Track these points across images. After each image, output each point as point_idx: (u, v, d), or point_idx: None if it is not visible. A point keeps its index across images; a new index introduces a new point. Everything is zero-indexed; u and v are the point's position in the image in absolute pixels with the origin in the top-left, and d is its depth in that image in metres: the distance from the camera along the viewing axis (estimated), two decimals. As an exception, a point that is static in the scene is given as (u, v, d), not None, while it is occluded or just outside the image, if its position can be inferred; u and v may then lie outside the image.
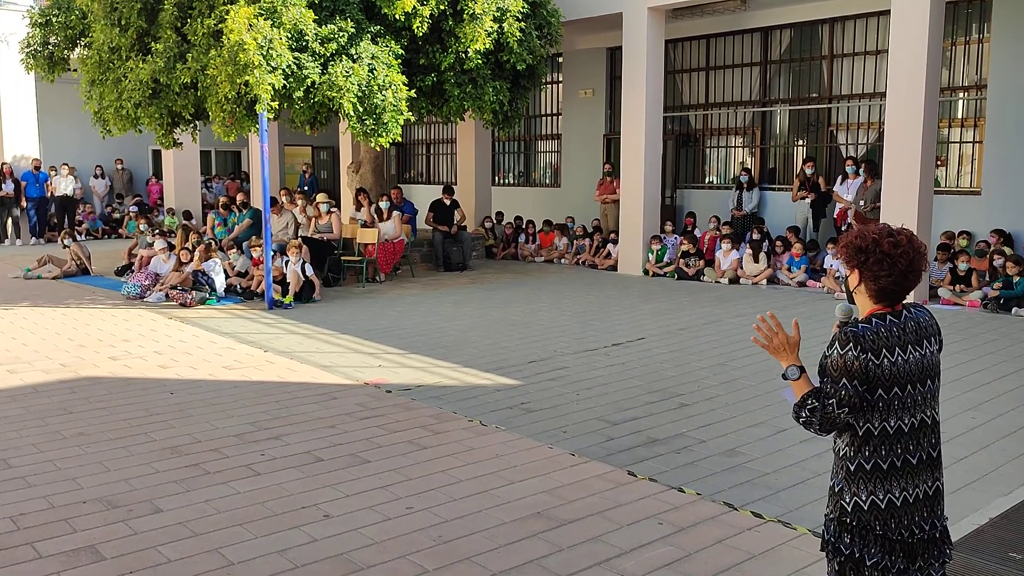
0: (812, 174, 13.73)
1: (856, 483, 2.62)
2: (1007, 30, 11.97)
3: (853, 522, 2.62)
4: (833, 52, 14.07)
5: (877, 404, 2.56)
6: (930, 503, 2.63)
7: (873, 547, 2.59)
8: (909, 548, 2.60)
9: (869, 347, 2.55)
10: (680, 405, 6.65)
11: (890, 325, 2.60)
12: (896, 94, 10.61)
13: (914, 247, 2.62)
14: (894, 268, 2.59)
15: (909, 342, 2.59)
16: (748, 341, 8.76)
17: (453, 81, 12.23)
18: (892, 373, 2.55)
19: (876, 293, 2.65)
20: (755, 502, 4.79)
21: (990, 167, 12.28)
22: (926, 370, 2.62)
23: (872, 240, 2.64)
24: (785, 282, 12.33)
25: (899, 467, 2.59)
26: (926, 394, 2.62)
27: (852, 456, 2.63)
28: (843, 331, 2.60)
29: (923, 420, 2.62)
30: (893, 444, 2.59)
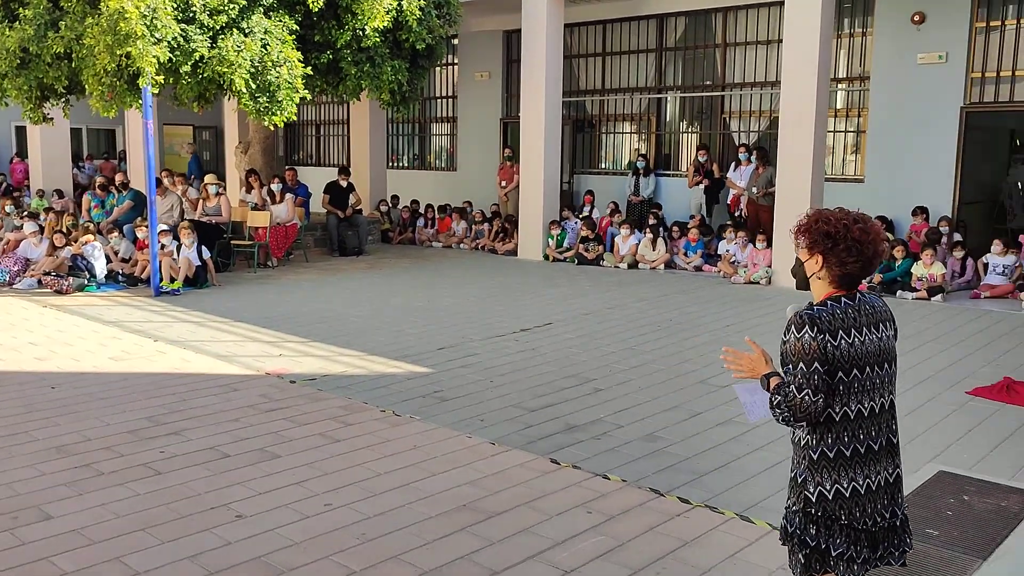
0: (706, 161, 13.99)
1: (820, 472, 2.58)
2: (888, 24, 12.45)
3: (818, 512, 2.58)
4: (726, 41, 14.34)
5: (838, 387, 2.52)
6: (891, 490, 2.61)
7: (839, 537, 2.56)
8: (872, 537, 2.57)
9: (826, 328, 2.51)
10: (595, 390, 6.60)
11: (845, 307, 2.57)
12: (790, 83, 10.89)
13: (877, 234, 2.62)
14: (862, 254, 2.57)
15: (864, 324, 2.56)
16: (654, 325, 8.83)
17: (350, 59, 11.83)
18: (851, 355, 2.52)
19: (840, 278, 2.61)
20: (680, 487, 4.76)
21: (872, 156, 12.78)
22: (883, 353, 2.59)
23: (842, 226, 2.59)
24: (682, 267, 12.52)
25: (862, 453, 2.56)
26: (884, 377, 2.59)
27: (814, 444, 2.59)
28: (798, 314, 2.56)
29: (882, 404, 2.60)
30: (855, 430, 2.55)
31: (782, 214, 11.09)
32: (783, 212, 11.07)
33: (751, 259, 11.47)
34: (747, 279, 11.26)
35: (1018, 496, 4.64)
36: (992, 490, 4.71)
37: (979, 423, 5.82)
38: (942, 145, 12.08)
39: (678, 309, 9.67)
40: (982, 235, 12.13)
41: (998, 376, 6.89)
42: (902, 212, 12.29)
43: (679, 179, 14.71)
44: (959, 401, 6.34)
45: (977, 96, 11.98)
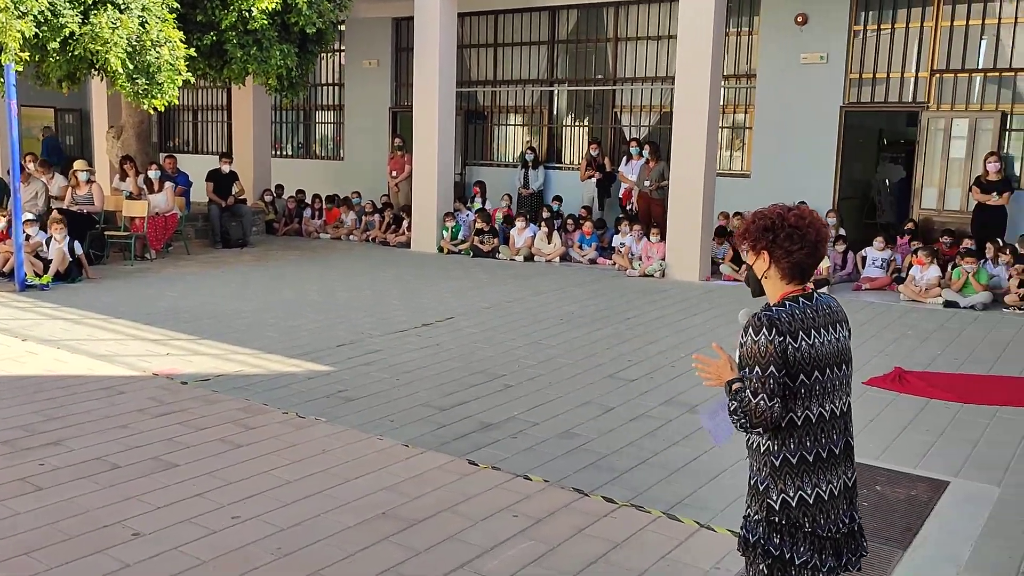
0: (598, 154, 14.06)
1: (783, 479, 2.48)
2: (773, 24, 12.82)
3: (782, 520, 2.48)
4: (618, 35, 14.46)
5: (799, 391, 2.44)
6: (849, 495, 2.55)
7: (803, 545, 2.47)
8: (836, 544, 2.50)
9: (786, 329, 2.42)
10: (504, 386, 6.46)
11: (804, 307, 2.48)
12: (684, 79, 11.03)
13: (816, 218, 2.56)
14: (805, 239, 2.49)
15: (823, 325, 2.49)
16: (556, 318, 8.77)
17: (235, 42, 11.26)
18: (812, 356, 2.44)
19: (790, 270, 2.52)
20: (603, 486, 4.68)
21: (758, 152, 13.15)
22: (841, 354, 2.53)
23: (777, 215, 2.53)
24: (577, 260, 12.55)
25: (824, 458, 2.49)
26: (842, 379, 2.53)
27: (776, 450, 2.49)
28: (756, 316, 2.46)
29: (841, 407, 2.53)
30: (817, 434, 2.48)
31: (675, 208, 11.24)
32: (676, 206, 11.22)
33: (645, 252, 11.59)
34: (642, 272, 11.38)
35: (925, 484, 4.77)
36: (901, 479, 4.83)
37: (878, 413, 6.00)
38: (823, 142, 12.54)
39: (578, 302, 9.65)
40: (856, 230, 12.67)
41: (888, 366, 7.14)
42: (786, 207, 12.66)
43: (571, 172, 14.74)
44: (856, 392, 6.52)
45: (855, 96, 12.48)
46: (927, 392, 6.49)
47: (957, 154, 11.69)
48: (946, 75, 11.84)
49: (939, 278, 9.97)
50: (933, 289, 9.89)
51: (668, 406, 6.07)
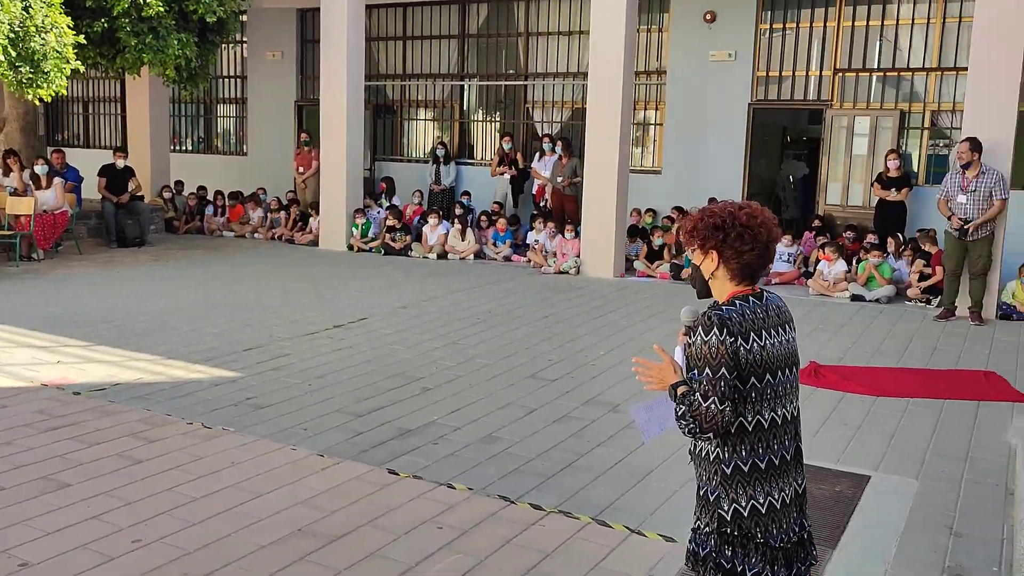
0: (510, 150, 13.93)
1: (734, 487, 2.36)
2: (683, 22, 12.92)
3: (734, 532, 2.36)
4: (529, 30, 14.35)
5: (750, 395, 2.32)
6: (799, 502, 2.44)
7: (754, 557, 2.35)
8: (787, 554, 2.39)
9: (737, 331, 2.30)
10: (423, 390, 6.25)
11: (754, 307, 2.37)
12: (596, 75, 10.99)
13: (767, 217, 2.44)
14: (757, 240, 2.39)
15: (773, 325, 2.39)
16: (473, 317, 8.59)
17: (129, 29, 10.68)
18: (763, 359, 2.32)
19: (739, 271, 2.42)
20: (529, 492, 4.53)
21: (669, 148, 13.25)
22: (789, 356, 2.42)
23: (728, 214, 2.42)
24: (491, 257, 12.39)
25: (776, 465, 2.37)
26: (793, 382, 2.43)
27: (727, 458, 2.36)
28: (707, 315, 2.34)
29: (792, 411, 2.43)
30: (769, 439, 2.36)
31: (590, 204, 11.20)
32: (591, 202, 11.18)
33: (560, 249, 11.51)
34: (557, 269, 11.29)
35: (848, 479, 4.79)
36: (825, 475, 4.84)
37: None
38: (732, 139, 12.70)
39: (494, 300, 9.49)
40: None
41: (803, 360, 7.22)
42: (698, 203, 12.77)
43: (483, 168, 14.57)
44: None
45: (762, 93, 12.69)
46: (842, 386, 6.58)
47: (859, 151, 12.00)
48: (848, 74, 12.15)
49: (846, 272, 10.20)
50: (840, 283, 10.11)
51: (591, 406, 5.97)
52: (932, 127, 11.79)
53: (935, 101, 11.66)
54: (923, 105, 11.73)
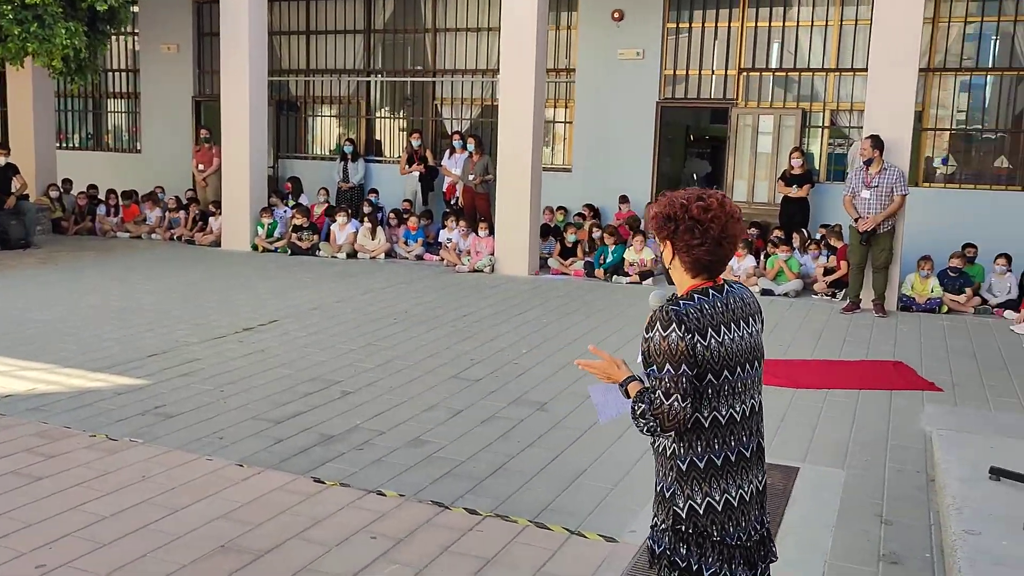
0: (419, 147, 13.71)
1: (690, 484, 2.29)
2: (591, 20, 12.96)
3: (689, 529, 2.29)
4: (437, 26, 14.16)
5: (707, 391, 2.25)
6: (761, 499, 2.38)
7: (711, 555, 2.27)
8: (747, 552, 2.32)
9: (694, 327, 2.23)
10: (343, 393, 6.02)
11: (714, 301, 2.30)
12: (508, 73, 10.89)
13: (726, 211, 2.33)
14: (706, 235, 2.29)
15: (733, 320, 2.31)
16: (389, 318, 8.37)
17: (11, 17, 10.00)
18: (721, 355, 2.25)
19: (692, 265, 2.34)
20: (463, 497, 4.38)
21: (579, 146, 13.27)
22: (752, 351, 2.35)
23: (680, 206, 2.33)
24: (403, 256, 12.16)
25: (734, 462, 2.30)
26: (754, 377, 2.36)
27: (682, 454, 2.29)
28: (663, 310, 2.25)
29: (752, 407, 2.36)
30: (726, 436, 2.29)
31: (503, 202, 11.10)
32: (504, 200, 11.08)
33: (473, 247, 11.38)
34: (471, 268, 11.15)
35: (779, 472, 4.81)
36: (755, 468, 4.85)
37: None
38: (642, 137, 12.81)
39: (409, 300, 9.29)
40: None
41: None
42: (609, 200, 12.88)
43: (391, 165, 14.31)
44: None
45: (670, 92, 12.85)
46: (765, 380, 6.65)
47: (764, 149, 12.28)
48: (752, 74, 12.41)
49: (754, 268, 10.40)
50: (750, 278, 10.30)
51: (517, 406, 5.86)
52: (832, 126, 12.16)
53: (834, 100, 12.02)
54: (823, 104, 12.08)
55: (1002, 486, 4.36)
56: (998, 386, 6.67)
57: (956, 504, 4.12)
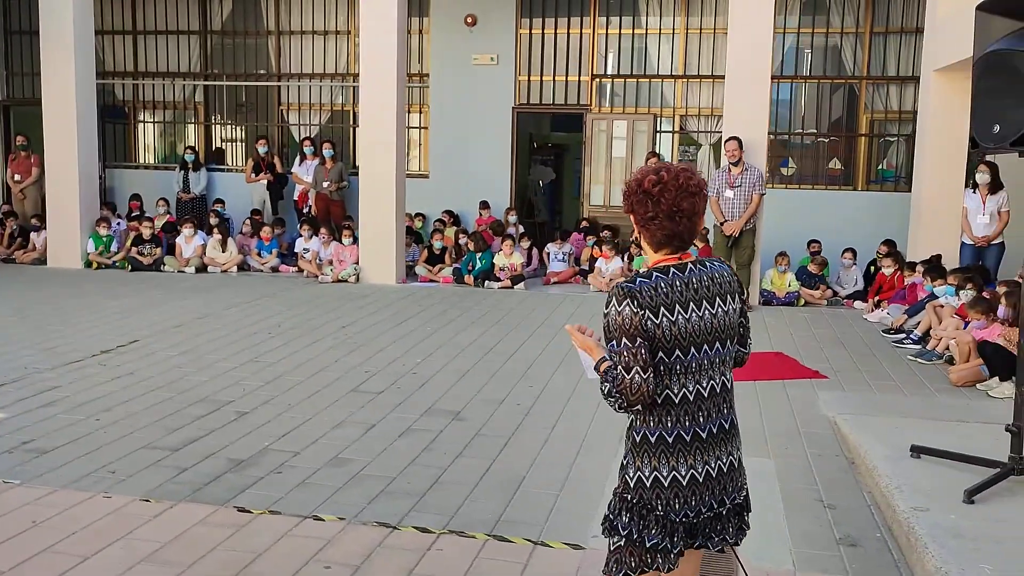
0: (266, 154, 13.04)
1: (640, 456, 2.29)
2: (443, 25, 12.81)
3: (633, 499, 2.29)
4: (280, 28, 13.55)
5: (658, 368, 2.22)
6: (722, 480, 2.33)
7: (653, 527, 2.27)
8: (692, 527, 2.31)
9: (646, 303, 2.21)
10: (238, 414, 5.53)
11: (672, 279, 2.26)
12: (369, 78, 10.52)
13: (679, 184, 2.29)
14: (658, 208, 2.28)
15: (695, 299, 2.27)
16: (264, 332, 7.85)
17: None
18: (673, 334, 2.22)
19: (651, 239, 2.33)
20: (407, 515, 4.08)
21: (436, 152, 13.07)
22: (718, 331, 2.30)
23: (636, 181, 2.34)
24: (257, 268, 11.49)
25: (687, 441, 2.28)
26: (715, 357, 2.30)
27: (638, 427, 2.31)
28: (618, 285, 2.25)
29: (712, 387, 2.31)
30: (680, 415, 2.27)
31: (367, 210, 10.69)
32: (368, 208, 10.67)
33: (336, 256, 10.91)
34: (335, 277, 10.69)
35: (712, 465, 4.82)
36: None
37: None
38: (499, 142, 12.78)
39: (279, 314, 8.75)
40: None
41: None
42: (468, 207, 12.75)
43: (235, 174, 13.54)
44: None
45: (525, 98, 12.89)
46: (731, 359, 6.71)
47: (619, 154, 12.56)
48: (605, 79, 12.67)
49: (622, 268, 10.58)
50: (619, 279, 10.45)
51: (430, 417, 5.59)
52: (681, 131, 12.60)
53: (683, 106, 12.47)
54: (672, 110, 12.51)
55: (924, 463, 4.57)
56: (873, 370, 7.05)
57: (894, 484, 4.25)
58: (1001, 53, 4.11)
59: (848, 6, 11.89)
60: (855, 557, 3.77)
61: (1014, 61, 4.04)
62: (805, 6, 11.95)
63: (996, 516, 3.88)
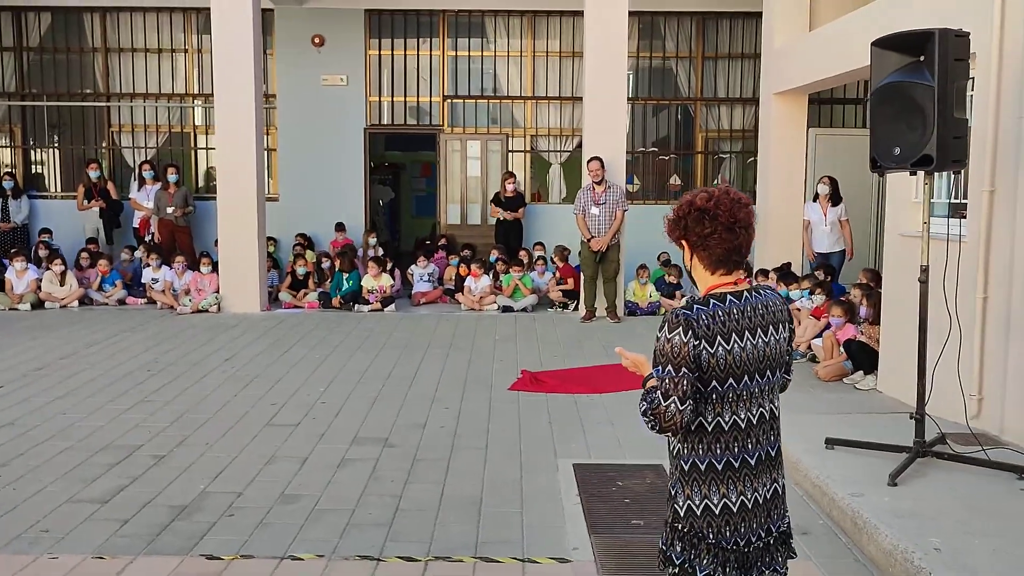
0: (99, 179, 12.21)
1: (689, 484, 2.32)
2: (290, 45, 12.55)
3: (685, 528, 2.31)
4: (108, 45, 12.75)
5: (711, 396, 2.28)
6: (767, 507, 2.35)
7: (705, 557, 2.30)
8: (744, 557, 2.33)
9: (702, 334, 2.24)
10: (155, 458, 5.22)
11: (729, 307, 2.28)
12: (225, 100, 10.14)
13: (731, 197, 2.35)
14: (716, 221, 2.31)
15: (749, 327, 2.30)
16: (142, 370, 7.40)
17: None
18: (728, 363, 2.26)
19: (709, 259, 2.35)
20: (384, 545, 4.04)
21: (285, 174, 12.75)
22: (769, 359, 2.34)
23: (686, 203, 2.38)
24: (101, 301, 10.74)
25: (736, 467, 2.31)
26: (764, 386, 2.35)
27: (686, 455, 2.33)
28: (675, 312, 2.27)
29: (762, 414, 2.35)
30: (729, 441, 2.30)
31: (227, 236, 10.26)
32: (228, 234, 10.25)
33: (195, 285, 10.40)
34: (194, 308, 10.18)
35: (651, 471, 5.08)
36: (629, 471, 5.07)
37: (544, 413, 6.21)
38: (352, 163, 12.66)
39: (149, 350, 8.25)
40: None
41: (511, 371, 7.48)
42: (323, 229, 12.52)
43: (65, 201, 12.58)
44: (508, 398, 6.69)
45: (377, 118, 12.84)
46: (564, 388, 6.95)
47: (473, 173, 12.77)
48: (456, 100, 12.86)
49: (491, 286, 10.77)
50: (487, 297, 10.65)
51: (360, 445, 5.51)
52: (533, 150, 12.99)
53: (533, 126, 12.87)
54: (524, 130, 12.87)
55: (839, 453, 5.03)
56: (750, 372, 7.60)
57: (824, 474, 4.67)
58: (895, 84, 4.64)
59: (681, 33, 12.75)
60: (810, 544, 4.12)
61: (907, 91, 4.58)
62: (643, 31, 12.68)
63: (919, 495, 4.36)
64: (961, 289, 5.19)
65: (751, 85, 12.58)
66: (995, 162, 5.32)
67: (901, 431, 5.09)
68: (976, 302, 5.44)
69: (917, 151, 4.50)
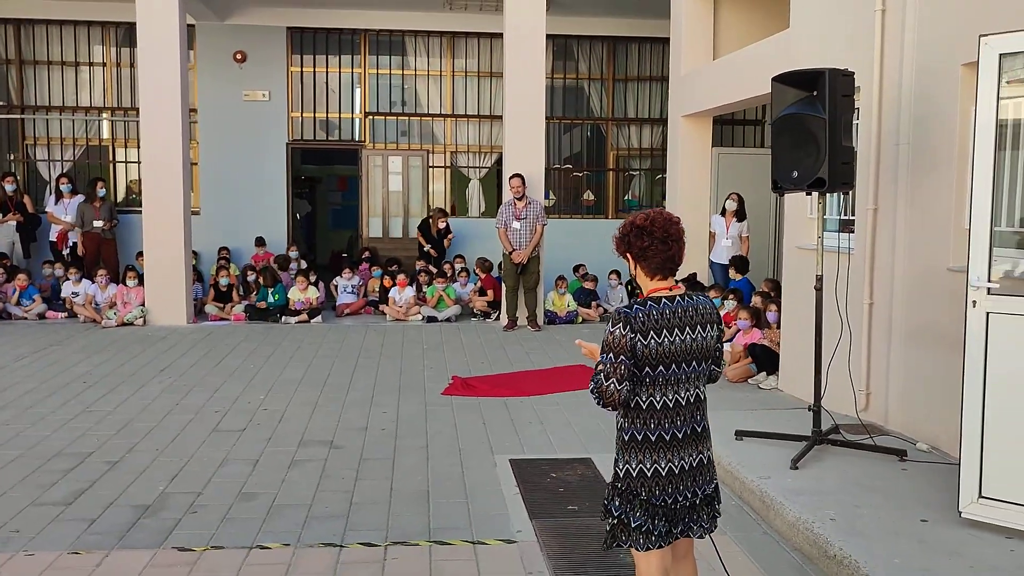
0: (14, 192, 12.06)
1: (628, 452, 2.85)
2: (211, 60, 12.66)
3: (623, 487, 2.85)
4: (23, 57, 12.61)
5: (644, 380, 2.77)
6: (693, 474, 2.86)
7: (638, 510, 2.82)
8: (671, 513, 2.84)
9: (638, 328, 2.74)
10: (108, 464, 5.41)
11: (663, 308, 2.78)
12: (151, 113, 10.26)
13: (663, 216, 2.89)
14: (652, 236, 2.83)
15: (679, 325, 2.79)
16: (80, 384, 7.49)
17: None
18: (659, 353, 2.75)
19: (648, 267, 2.87)
20: (344, 535, 4.39)
21: (206, 188, 12.83)
22: (696, 352, 2.82)
23: (628, 223, 2.93)
24: (20, 316, 10.64)
25: (667, 440, 2.81)
26: (692, 374, 2.83)
27: (626, 428, 2.86)
28: (618, 310, 2.81)
29: (688, 398, 2.84)
30: (661, 419, 2.81)
31: (152, 249, 10.35)
32: (153, 247, 10.34)
33: (120, 298, 10.43)
34: (120, 321, 10.21)
35: (580, 464, 5.55)
36: (561, 464, 5.53)
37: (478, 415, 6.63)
38: (273, 178, 12.84)
39: (80, 362, 8.31)
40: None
41: (442, 377, 7.87)
42: (244, 243, 12.65)
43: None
44: (442, 402, 7.08)
45: (299, 134, 13.06)
46: (494, 392, 7.39)
47: (395, 187, 13.11)
48: (378, 117, 13.19)
49: (415, 297, 11.13)
50: (412, 307, 11.00)
51: (308, 447, 5.82)
52: (452, 166, 13.41)
53: (453, 143, 13.31)
54: (444, 146, 13.30)
55: (748, 443, 5.61)
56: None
57: (736, 461, 5.24)
58: (792, 116, 5.26)
59: (593, 56, 13.41)
60: (725, 522, 4.64)
61: (803, 122, 5.21)
62: (556, 53, 13.29)
63: (817, 476, 4.97)
64: (850, 296, 5.86)
65: (659, 106, 13.32)
66: (877, 184, 6.03)
67: (801, 423, 5.74)
68: (863, 307, 6.12)
69: (812, 174, 5.13)
